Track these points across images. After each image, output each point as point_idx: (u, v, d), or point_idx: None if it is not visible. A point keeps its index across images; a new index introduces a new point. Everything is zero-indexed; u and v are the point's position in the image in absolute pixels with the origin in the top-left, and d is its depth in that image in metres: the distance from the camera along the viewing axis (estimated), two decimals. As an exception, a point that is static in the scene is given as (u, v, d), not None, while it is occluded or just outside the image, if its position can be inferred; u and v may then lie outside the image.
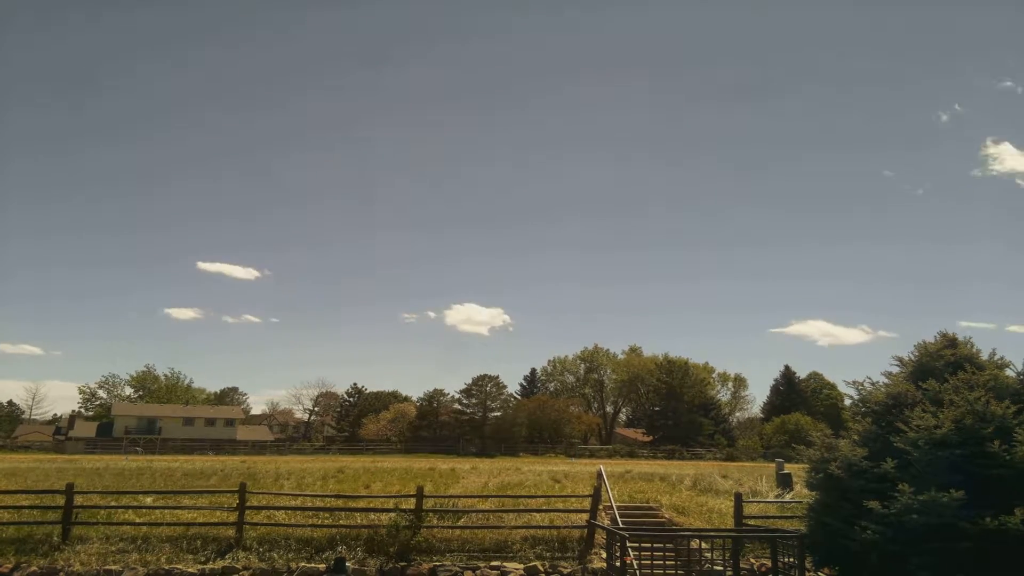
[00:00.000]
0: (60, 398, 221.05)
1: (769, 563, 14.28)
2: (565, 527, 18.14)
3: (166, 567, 16.08)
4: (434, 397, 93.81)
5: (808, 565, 13.16)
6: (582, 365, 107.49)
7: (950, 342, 13.69)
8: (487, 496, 20.05)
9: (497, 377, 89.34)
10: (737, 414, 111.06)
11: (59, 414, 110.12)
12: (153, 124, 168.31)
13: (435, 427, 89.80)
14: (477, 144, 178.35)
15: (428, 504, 18.23)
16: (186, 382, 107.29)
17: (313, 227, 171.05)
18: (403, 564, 16.69)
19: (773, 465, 28.49)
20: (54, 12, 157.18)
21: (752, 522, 18.03)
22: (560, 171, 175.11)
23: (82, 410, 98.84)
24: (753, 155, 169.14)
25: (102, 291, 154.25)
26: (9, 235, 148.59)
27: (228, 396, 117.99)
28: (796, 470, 21.56)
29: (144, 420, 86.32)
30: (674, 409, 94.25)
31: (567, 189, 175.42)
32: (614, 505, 18.80)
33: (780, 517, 18.52)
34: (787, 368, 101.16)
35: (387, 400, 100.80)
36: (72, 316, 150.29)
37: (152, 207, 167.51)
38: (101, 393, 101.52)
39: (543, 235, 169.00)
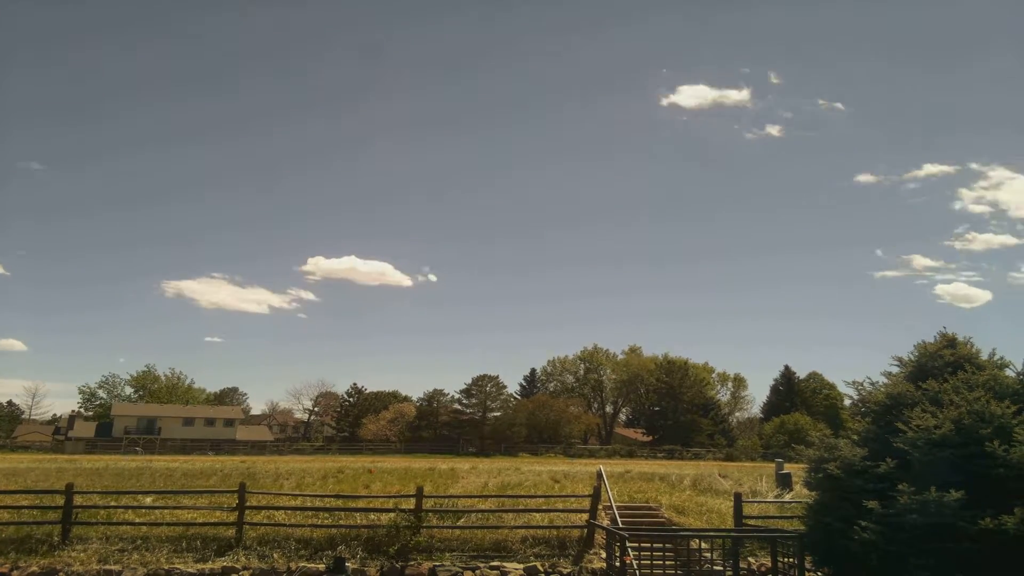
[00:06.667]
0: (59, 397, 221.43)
1: (769, 563, 14.29)
2: (565, 527, 18.14)
3: (166, 567, 16.08)
4: (434, 397, 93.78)
5: (808, 565, 13.17)
6: (582, 365, 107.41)
7: (949, 342, 13.69)
8: (487, 496, 20.05)
9: (497, 377, 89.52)
10: (737, 414, 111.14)
11: (59, 414, 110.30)
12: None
13: (435, 427, 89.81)
14: (477, 155, 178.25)
15: (428, 504, 18.23)
16: (187, 382, 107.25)
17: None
18: (403, 564, 16.69)
19: (773, 465, 28.50)
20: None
21: (752, 522, 18.04)
22: (559, 177, 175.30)
23: (82, 410, 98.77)
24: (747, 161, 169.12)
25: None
26: None
27: (228, 396, 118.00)
28: (796, 470, 21.57)
29: (144, 420, 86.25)
30: (674, 409, 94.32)
31: (567, 195, 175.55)
32: (614, 505, 18.80)
33: (780, 517, 18.52)
34: (787, 368, 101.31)
35: (387, 400, 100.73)
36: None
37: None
38: (101, 393, 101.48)
39: (542, 242, 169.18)
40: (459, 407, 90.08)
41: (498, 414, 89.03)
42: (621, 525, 17.17)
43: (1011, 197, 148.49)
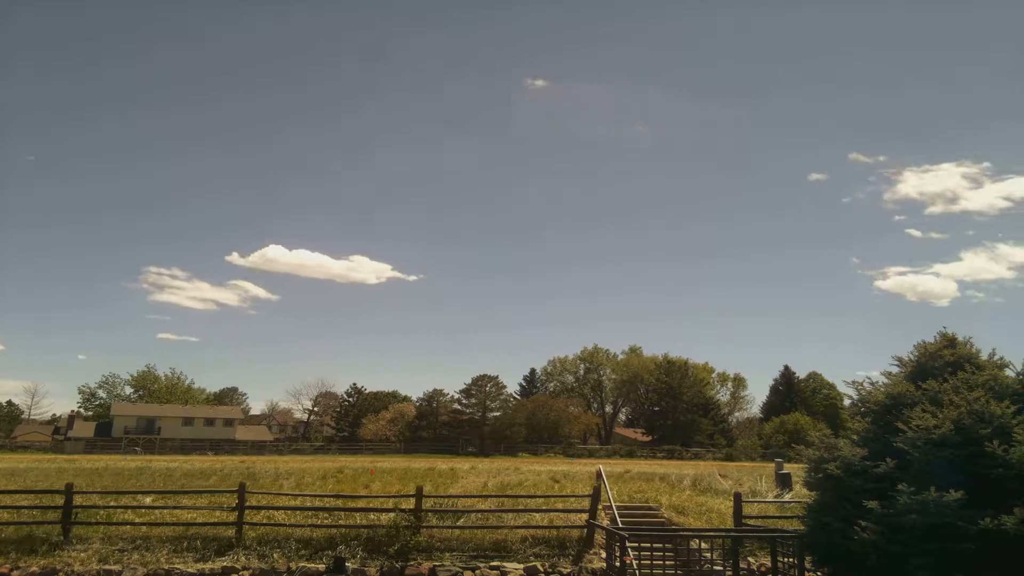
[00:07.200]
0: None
1: (769, 563, 14.30)
2: (565, 527, 18.14)
3: (166, 567, 16.08)
4: (433, 397, 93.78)
5: (807, 565, 13.17)
6: (582, 365, 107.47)
7: (949, 342, 13.67)
8: (486, 496, 20.05)
9: (496, 377, 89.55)
10: (736, 414, 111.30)
11: (58, 414, 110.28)
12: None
13: (434, 427, 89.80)
14: (477, 154, 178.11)
15: (428, 504, 18.24)
16: (187, 382, 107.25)
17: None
18: (403, 564, 16.68)
19: (772, 465, 28.49)
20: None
21: (752, 522, 18.04)
22: (555, 180, 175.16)
23: (81, 410, 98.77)
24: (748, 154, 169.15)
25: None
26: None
27: (228, 396, 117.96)
28: (795, 470, 21.57)
29: (143, 420, 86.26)
30: (673, 409, 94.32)
31: (564, 197, 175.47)
32: (613, 505, 18.80)
33: (780, 517, 18.52)
34: (786, 368, 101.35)
35: (386, 400, 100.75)
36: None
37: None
38: (101, 393, 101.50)
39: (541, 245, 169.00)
40: (459, 407, 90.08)
41: (498, 414, 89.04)
42: (621, 525, 17.16)
43: (915, 192, 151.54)
